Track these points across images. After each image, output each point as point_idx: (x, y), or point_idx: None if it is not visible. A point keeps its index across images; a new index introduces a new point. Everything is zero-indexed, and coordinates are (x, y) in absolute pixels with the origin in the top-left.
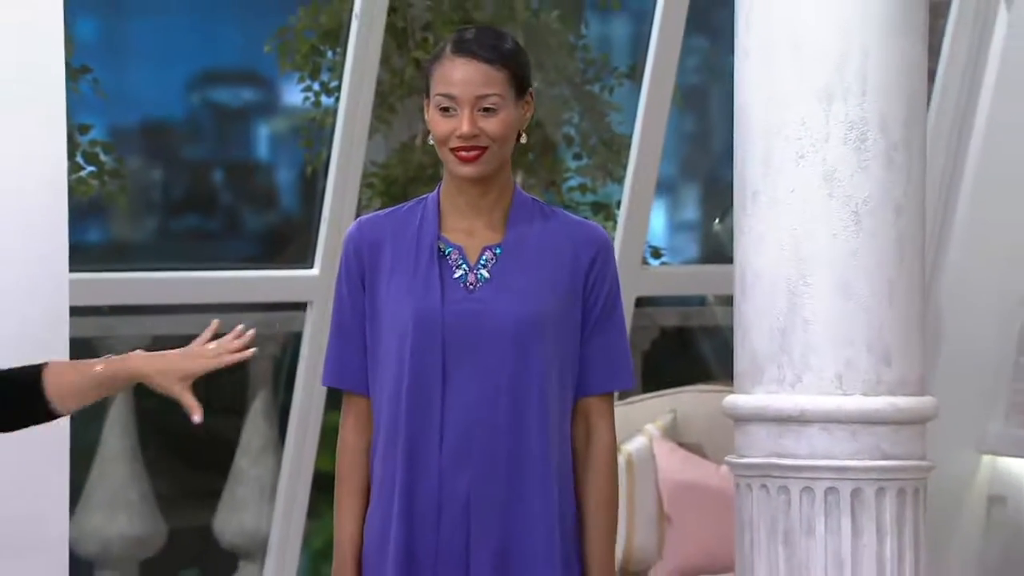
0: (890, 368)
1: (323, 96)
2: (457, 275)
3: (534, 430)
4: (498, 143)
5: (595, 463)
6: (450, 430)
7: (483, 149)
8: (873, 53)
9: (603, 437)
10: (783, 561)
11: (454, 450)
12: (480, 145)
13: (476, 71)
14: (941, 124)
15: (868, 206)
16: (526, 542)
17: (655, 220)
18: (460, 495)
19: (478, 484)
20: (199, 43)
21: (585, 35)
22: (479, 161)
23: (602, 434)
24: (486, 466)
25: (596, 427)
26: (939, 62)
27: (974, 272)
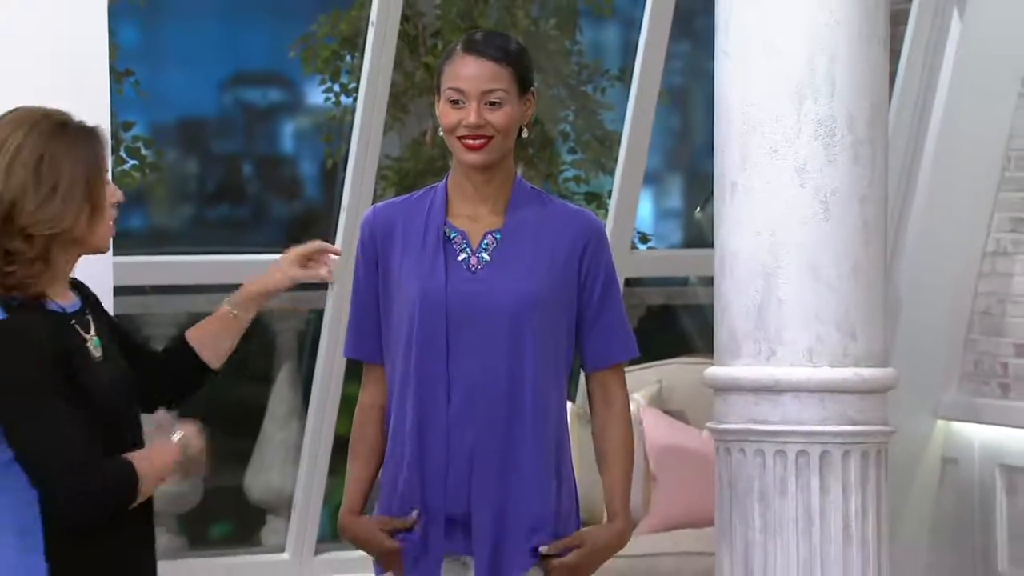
0: (856, 342)
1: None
2: (461, 258)
3: (529, 397)
4: (501, 134)
5: (615, 419)
6: (456, 395)
7: (488, 138)
8: (840, 57)
9: (620, 400)
10: (758, 517)
11: (459, 412)
12: (485, 134)
13: (484, 68)
14: (901, 122)
15: (836, 196)
16: (522, 501)
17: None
18: (465, 451)
19: (481, 443)
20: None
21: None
22: (484, 149)
23: (619, 397)
24: (487, 428)
25: (612, 393)
26: (899, 66)
27: (930, 255)
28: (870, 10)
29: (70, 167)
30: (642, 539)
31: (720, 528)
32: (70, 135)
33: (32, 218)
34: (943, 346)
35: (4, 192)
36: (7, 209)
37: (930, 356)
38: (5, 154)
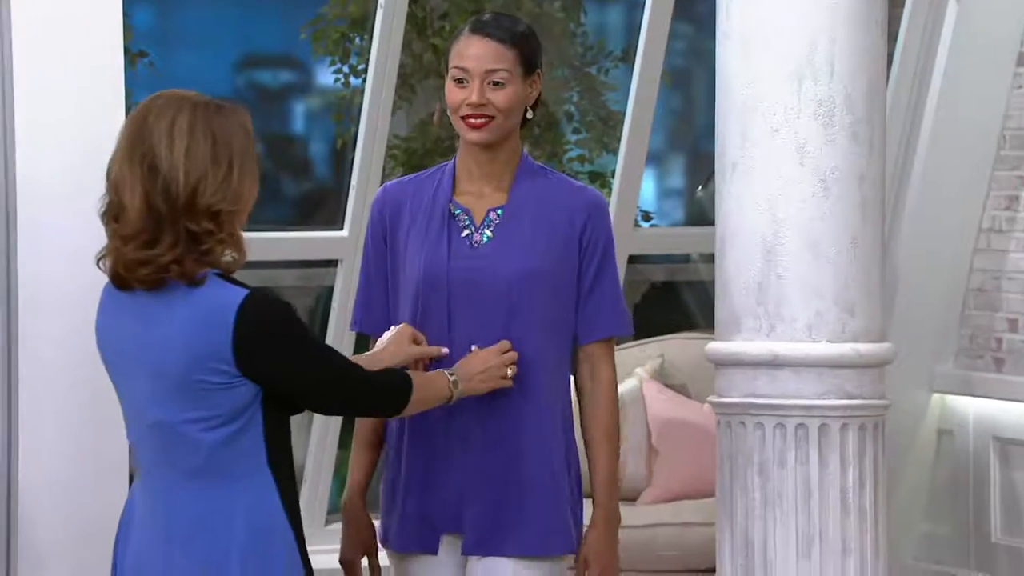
0: (854, 318)
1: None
2: (464, 234)
3: (530, 372)
4: (503, 114)
5: (599, 399)
6: None
7: (489, 118)
8: (839, 39)
9: (605, 377)
10: (758, 489)
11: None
12: (487, 114)
13: (488, 48)
14: (899, 102)
15: (835, 175)
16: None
17: (645, 187)
18: (466, 427)
19: (481, 420)
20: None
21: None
22: (485, 129)
23: (604, 374)
24: (487, 403)
25: (599, 369)
26: (896, 47)
27: (927, 233)
28: None
29: (239, 142)
30: (644, 510)
31: (721, 499)
32: (226, 112)
33: (216, 196)
34: (939, 321)
35: (189, 173)
36: (192, 190)
37: (926, 331)
38: (180, 136)
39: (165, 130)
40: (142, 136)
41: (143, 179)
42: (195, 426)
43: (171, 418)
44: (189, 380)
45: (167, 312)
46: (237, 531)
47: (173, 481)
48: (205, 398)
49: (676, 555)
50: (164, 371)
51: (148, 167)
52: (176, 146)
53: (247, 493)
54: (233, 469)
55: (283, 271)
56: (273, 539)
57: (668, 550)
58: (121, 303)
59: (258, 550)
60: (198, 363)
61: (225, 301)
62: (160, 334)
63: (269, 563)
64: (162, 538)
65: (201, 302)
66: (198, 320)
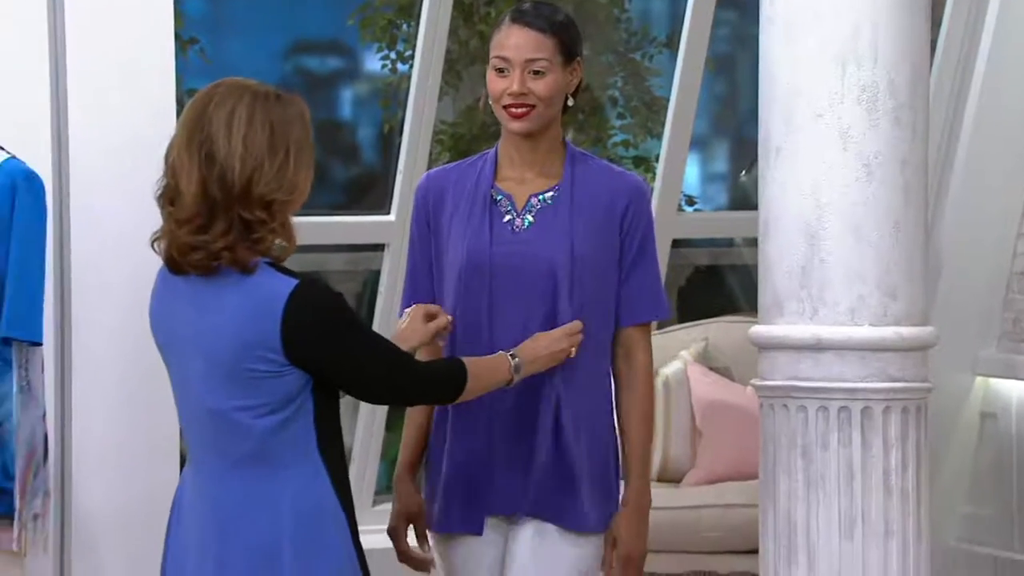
0: (896, 302)
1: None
2: (506, 219)
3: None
4: (544, 103)
5: (634, 383)
6: None
7: (531, 107)
8: (883, 24)
9: (641, 361)
10: (801, 471)
11: None
12: (528, 103)
13: (528, 38)
14: (942, 87)
15: (878, 159)
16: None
17: (689, 172)
18: (505, 410)
19: (519, 403)
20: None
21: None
22: (526, 118)
23: (640, 359)
24: (531, 387)
25: (634, 352)
26: (940, 32)
27: (970, 217)
28: None
29: (296, 133)
30: (687, 491)
31: (764, 481)
32: (285, 102)
33: (271, 186)
34: (983, 305)
35: (245, 162)
36: (247, 179)
37: (970, 314)
38: (239, 126)
39: (224, 119)
40: (201, 124)
41: (200, 166)
42: (245, 413)
43: (222, 405)
44: (239, 368)
45: (218, 299)
46: (287, 517)
47: (223, 467)
48: (255, 386)
49: (719, 536)
50: (215, 358)
51: (206, 154)
52: (234, 135)
53: (297, 479)
54: (283, 455)
55: (331, 255)
56: (324, 524)
57: (712, 531)
58: (175, 287)
59: (309, 535)
60: (247, 351)
61: (275, 290)
62: (211, 321)
63: (320, 548)
64: (212, 523)
65: (252, 290)
66: (248, 309)
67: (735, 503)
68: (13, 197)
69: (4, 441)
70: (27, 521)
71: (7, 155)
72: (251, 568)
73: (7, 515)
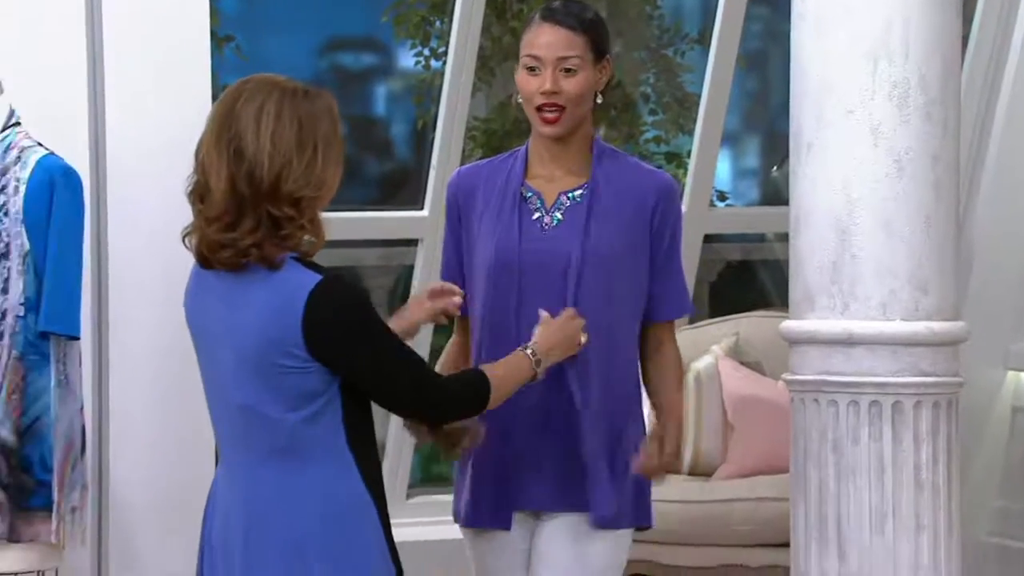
0: (927, 297)
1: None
2: (535, 217)
3: (599, 351)
4: (575, 102)
5: (665, 361)
6: None
7: (562, 110)
8: (914, 20)
9: (671, 348)
10: (832, 465)
11: None
12: (559, 103)
13: (559, 36)
14: (973, 82)
15: (909, 155)
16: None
17: (721, 167)
18: (531, 406)
19: (551, 397)
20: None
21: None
22: (559, 122)
23: (671, 352)
24: (558, 383)
25: (665, 348)
26: (972, 28)
27: (1001, 212)
28: None
29: (324, 129)
30: (719, 485)
31: (795, 475)
32: (313, 98)
33: (299, 183)
34: (1014, 299)
35: (273, 158)
36: (276, 175)
37: (1001, 309)
38: (267, 122)
39: (253, 116)
40: (230, 121)
41: (229, 163)
42: (274, 408)
43: (250, 400)
44: (265, 363)
45: (245, 295)
46: (316, 511)
47: (253, 461)
48: (281, 381)
49: (751, 529)
50: (243, 353)
51: (234, 151)
52: (262, 132)
53: (326, 473)
54: (313, 451)
55: (364, 250)
56: (354, 518)
57: (743, 525)
58: (207, 283)
59: (339, 529)
60: (273, 347)
61: (299, 285)
62: (239, 317)
63: (350, 542)
64: (242, 517)
65: (277, 286)
66: (273, 304)
67: (766, 497)
68: (51, 193)
69: (42, 435)
70: (65, 514)
71: (45, 151)
72: (282, 562)
73: (46, 508)
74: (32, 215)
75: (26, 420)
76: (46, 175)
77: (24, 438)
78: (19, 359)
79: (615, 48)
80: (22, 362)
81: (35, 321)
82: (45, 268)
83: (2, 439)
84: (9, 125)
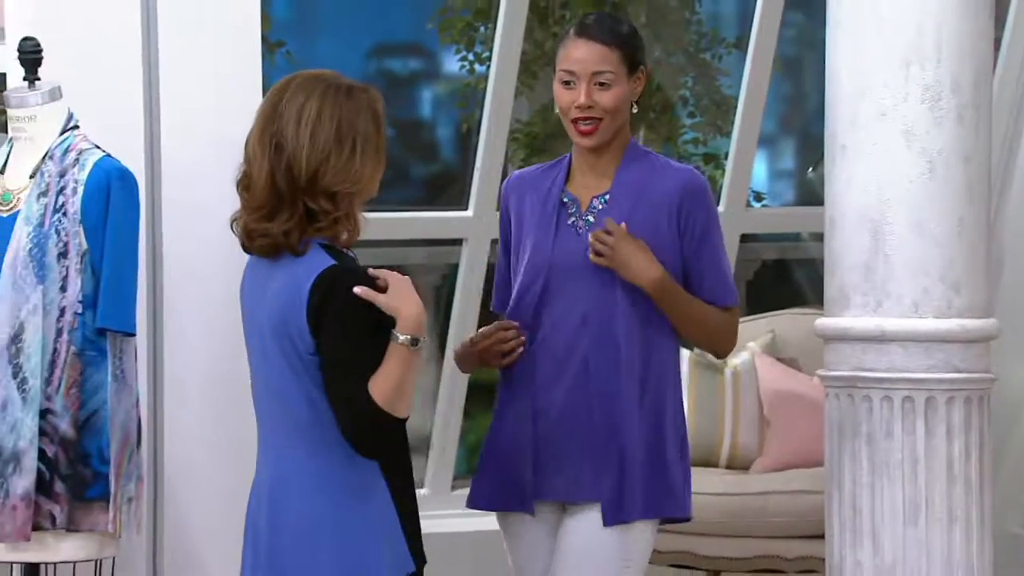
0: (959, 295)
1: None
2: (570, 221)
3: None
4: (610, 114)
5: None
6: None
7: (598, 121)
8: (947, 24)
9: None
10: (866, 459)
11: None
12: (595, 116)
13: (593, 51)
14: (1005, 86)
15: (941, 156)
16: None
17: (758, 169)
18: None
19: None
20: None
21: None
22: (595, 134)
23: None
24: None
25: None
26: (1004, 32)
27: None
28: None
29: (364, 126)
30: (756, 478)
31: (829, 469)
32: (355, 95)
33: (337, 178)
34: None
35: (311, 155)
36: (314, 171)
37: None
38: (307, 120)
39: (294, 112)
40: (274, 116)
41: (270, 156)
42: (297, 388)
43: (276, 380)
44: (286, 345)
45: (272, 280)
46: (329, 494)
47: (277, 441)
48: (300, 362)
49: (787, 521)
50: (269, 335)
51: (276, 146)
52: (302, 129)
53: (343, 457)
54: (329, 433)
55: (411, 250)
56: (364, 503)
57: (779, 517)
58: (254, 269)
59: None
60: (290, 328)
61: (310, 269)
62: (267, 300)
63: (358, 528)
64: (267, 497)
65: (296, 270)
66: (292, 288)
67: (801, 489)
68: (108, 194)
69: (100, 428)
70: (122, 504)
71: (102, 153)
72: (295, 545)
73: (103, 498)
74: (89, 216)
75: (84, 414)
76: (103, 176)
77: (82, 431)
78: (77, 355)
79: (655, 52)
80: (80, 358)
81: (92, 318)
82: (102, 267)
83: (61, 432)
84: (68, 128)
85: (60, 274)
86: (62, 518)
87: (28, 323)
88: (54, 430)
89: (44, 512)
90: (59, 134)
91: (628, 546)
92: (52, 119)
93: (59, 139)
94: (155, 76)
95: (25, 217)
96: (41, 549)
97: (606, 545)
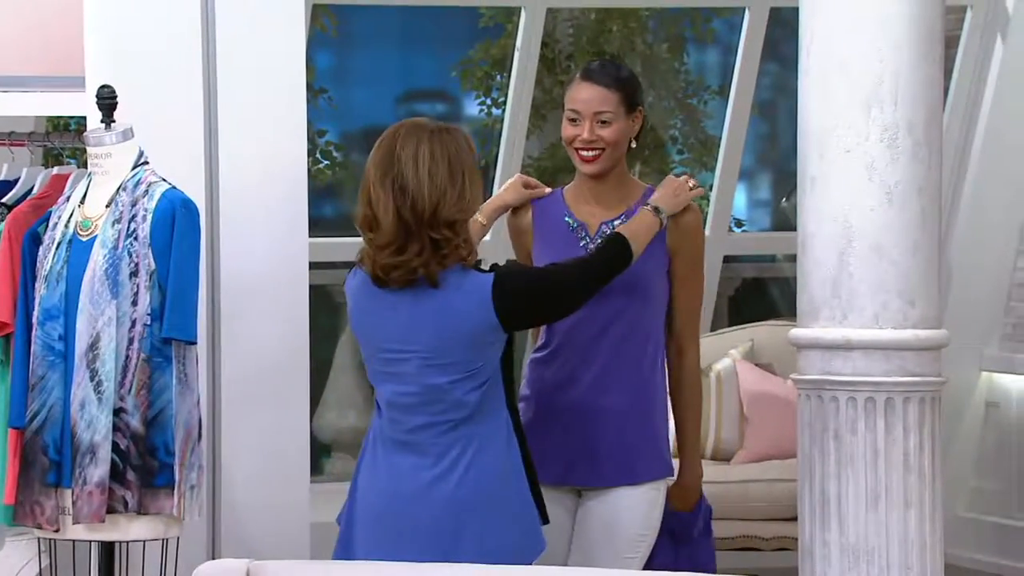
0: (914, 308)
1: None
2: (581, 244)
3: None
4: (611, 147)
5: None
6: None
7: (600, 151)
8: (902, 73)
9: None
10: (833, 452)
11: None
12: (597, 147)
13: (596, 93)
14: (952, 127)
15: (898, 188)
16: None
17: (738, 199)
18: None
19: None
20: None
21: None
22: (597, 161)
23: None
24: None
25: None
26: (951, 81)
27: (977, 236)
28: (926, 35)
29: (467, 159)
30: (737, 468)
31: (801, 461)
32: (454, 134)
33: (454, 208)
34: (987, 311)
35: (432, 192)
36: (435, 205)
37: (976, 319)
38: (423, 162)
39: (411, 156)
40: (392, 162)
41: (395, 197)
42: (459, 390)
43: (439, 381)
44: (456, 354)
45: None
46: (499, 473)
47: (436, 432)
48: (472, 361)
49: (764, 506)
50: (430, 349)
51: (399, 188)
52: (420, 170)
53: (496, 431)
54: (484, 414)
55: None
56: (520, 478)
57: (758, 502)
58: (379, 297)
59: (515, 486)
60: (462, 339)
61: (479, 283)
62: (424, 323)
63: (522, 498)
64: (428, 491)
65: (462, 290)
66: (470, 303)
67: (777, 478)
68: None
69: (165, 424)
70: (185, 491)
71: (168, 186)
72: (482, 517)
73: (168, 485)
74: (157, 240)
75: (152, 412)
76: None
77: (150, 427)
78: (146, 361)
79: (648, 98)
80: (149, 363)
81: (159, 329)
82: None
83: (132, 428)
84: (139, 164)
85: (131, 290)
86: (133, 503)
87: (104, 333)
88: (126, 426)
89: (117, 497)
90: (131, 169)
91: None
92: (125, 156)
93: (131, 173)
94: (214, 118)
95: (101, 241)
96: (115, 529)
97: (624, 519)
